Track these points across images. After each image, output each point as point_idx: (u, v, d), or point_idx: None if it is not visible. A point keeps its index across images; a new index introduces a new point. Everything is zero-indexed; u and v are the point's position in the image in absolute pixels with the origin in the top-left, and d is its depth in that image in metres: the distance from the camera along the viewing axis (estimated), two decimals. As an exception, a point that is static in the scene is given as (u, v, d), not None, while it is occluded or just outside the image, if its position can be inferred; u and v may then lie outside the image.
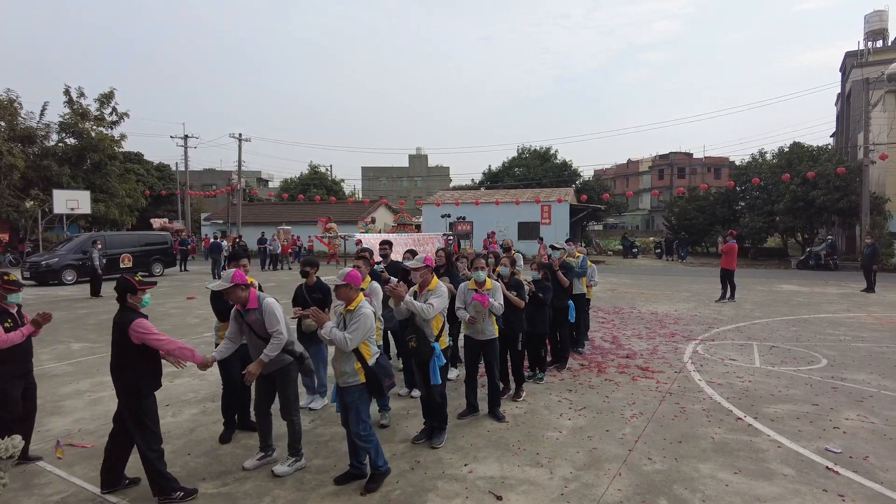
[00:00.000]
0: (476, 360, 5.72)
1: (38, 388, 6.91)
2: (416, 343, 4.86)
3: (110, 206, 30.69)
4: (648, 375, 7.23)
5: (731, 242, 14.60)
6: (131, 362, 3.99)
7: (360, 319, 4.08)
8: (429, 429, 5.15)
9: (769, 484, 4.23)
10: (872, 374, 7.29)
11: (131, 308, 4.08)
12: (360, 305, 4.18)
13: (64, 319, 11.79)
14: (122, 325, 3.96)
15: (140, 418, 3.99)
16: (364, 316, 4.11)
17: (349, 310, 4.20)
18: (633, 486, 4.22)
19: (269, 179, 72.79)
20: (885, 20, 36.09)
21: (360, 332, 4.08)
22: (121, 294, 4.08)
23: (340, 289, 4.22)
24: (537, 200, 31.09)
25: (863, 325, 10.72)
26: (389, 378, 4.28)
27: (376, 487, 4.15)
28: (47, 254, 19.83)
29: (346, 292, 4.21)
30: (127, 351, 3.98)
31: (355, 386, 4.16)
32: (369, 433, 4.21)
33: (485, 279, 5.58)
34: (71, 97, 30.31)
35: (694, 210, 34.26)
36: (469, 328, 5.63)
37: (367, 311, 4.16)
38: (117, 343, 4.01)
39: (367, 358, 4.17)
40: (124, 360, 4.00)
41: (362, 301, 4.24)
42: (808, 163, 27.09)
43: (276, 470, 4.43)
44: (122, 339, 3.97)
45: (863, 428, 5.38)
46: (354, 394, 4.17)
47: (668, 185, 61.54)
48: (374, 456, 4.23)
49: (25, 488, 4.23)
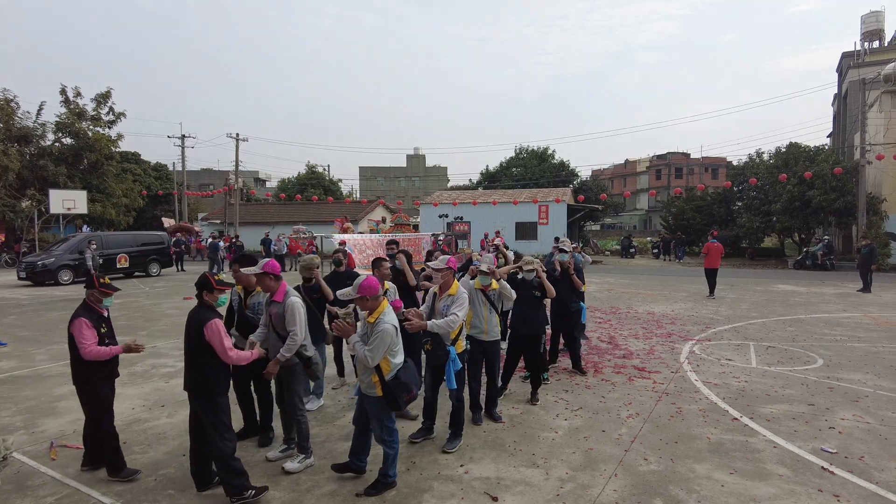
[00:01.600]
0: (481, 362, 5.65)
1: (33, 388, 6.94)
2: (432, 346, 4.83)
3: (107, 206, 30.61)
4: (645, 376, 7.23)
5: (710, 242, 15.52)
6: (207, 360, 3.94)
7: (380, 336, 3.94)
8: (427, 429, 5.15)
9: (765, 484, 4.24)
10: (868, 374, 7.31)
11: (208, 306, 4.05)
12: (380, 319, 4.02)
13: (59, 320, 11.75)
14: (198, 322, 3.92)
15: (219, 417, 3.95)
16: (384, 332, 3.94)
17: (369, 322, 4.07)
18: (629, 486, 4.22)
19: (266, 179, 72.75)
20: (881, 21, 36.23)
21: (380, 350, 3.95)
22: (198, 291, 4.07)
23: (358, 302, 4.12)
24: (535, 200, 31.10)
25: (859, 325, 10.74)
26: (408, 392, 4.11)
27: (375, 493, 4.08)
28: (43, 254, 19.76)
29: (364, 304, 4.08)
30: (202, 349, 3.92)
31: (374, 397, 4.11)
32: (394, 438, 4.18)
33: (490, 281, 5.46)
34: (67, 97, 30.23)
35: (691, 210, 34.30)
36: (473, 328, 5.55)
37: (387, 327, 3.98)
38: (194, 341, 3.95)
39: (385, 373, 4.04)
40: (199, 358, 3.95)
41: (385, 311, 4.08)
42: (804, 163, 27.14)
43: (286, 466, 4.51)
44: (198, 338, 3.92)
45: (858, 428, 5.39)
46: (375, 404, 4.13)
47: (666, 186, 61.62)
48: (388, 463, 4.16)
49: (19, 489, 4.21)
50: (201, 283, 4.08)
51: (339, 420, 5.71)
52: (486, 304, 5.52)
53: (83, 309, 4.46)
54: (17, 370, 7.67)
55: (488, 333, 5.52)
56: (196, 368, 3.97)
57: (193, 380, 3.98)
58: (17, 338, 9.68)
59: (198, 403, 3.99)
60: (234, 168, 37.82)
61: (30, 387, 6.96)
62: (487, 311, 5.50)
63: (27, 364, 8.05)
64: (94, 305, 4.50)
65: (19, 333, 10.05)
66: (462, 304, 4.87)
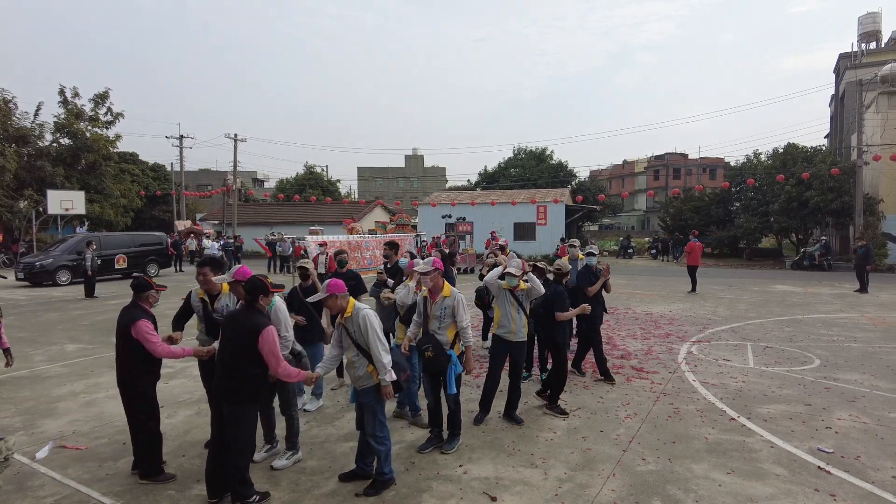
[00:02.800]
0: (503, 362, 5.60)
1: (32, 389, 6.93)
2: (434, 353, 4.76)
3: (105, 207, 30.56)
4: (643, 376, 7.26)
5: (692, 242, 16.87)
6: (254, 366, 3.81)
7: (367, 324, 4.01)
8: (436, 437, 5.03)
9: (762, 484, 4.27)
10: (865, 374, 7.34)
11: (260, 311, 3.94)
12: (357, 308, 4.11)
13: (58, 320, 11.74)
14: (254, 328, 3.77)
15: (250, 424, 3.88)
16: (367, 317, 4.03)
17: (346, 318, 4.12)
18: (627, 486, 4.24)
19: (264, 180, 72.66)
20: (878, 22, 36.29)
21: (376, 335, 4.02)
22: (252, 295, 3.90)
23: (327, 301, 4.13)
24: (533, 201, 31.10)
25: (856, 326, 10.78)
26: (404, 372, 4.24)
27: (374, 493, 4.09)
28: (41, 254, 19.72)
29: (334, 302, 4.11)
30: (251, 354, 3.79)
31: (371, 387, 4.13)
32: (385, 434, 4.22)
33: (517, 282, 5.38)
34: (66, 97, 30.17)
35: (689, 211, 34.35)
36: (501, 328, 5.51)
37: (368, 311, 4.08)
38: (243, 346, 3.79)
39: None
40: (247, 364, 3.80)
41: (356, 305, 4.16)
42: (802, 164, 27.20)
43: (275, 464, 4.52)
44: (250, 344, 3.77)
45: (855, 428, 5.42)
46: (371, 395, 4.14)
47: (664, 186, 61.66)
48: (381, 461, 4.19)
49: (19, 490, 4.22)
50: (256, 287, 3.93)
51: (338, 420, 5.73)
52: (514, 304, 5.43)
53: (139, 310, 4.33)
54: (16, 371, 7.66)
55: (516, 334, 5.46)
56: (242, 374, 3.84)
57: (236, 385, 3.84)
58: (15, 339, 9.66)
59: (233, 410, 3.86)
60: (232, 168, 37.80)
61: (28, 388, 6.96)
62: (516, 311, 5.43)
63: (26, 365, 8.05)
64: (148, 307, 4.43)
65: (17, 334, 10.04)
66: (466, 309, 4.84)
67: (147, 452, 4.33)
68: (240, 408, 3.84)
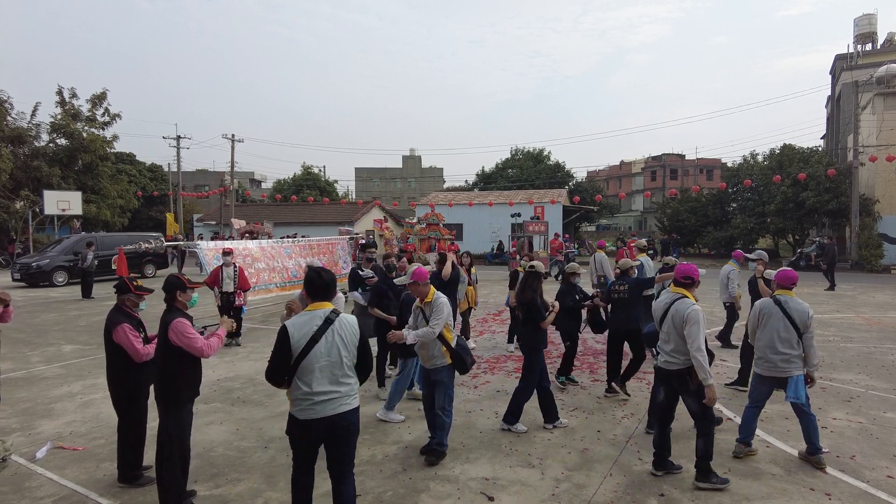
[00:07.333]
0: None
1: (29, 390, 6.92)
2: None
3: (102, 207, 30.51)
4: (640, 376, 7.27)
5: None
6: (171, 366, 3.82)
7: (440, 307, 4.63)
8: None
9: (758, 483, 4.29)
10: (860, 374, 7.38)
11: (179, 308, 4.00)
12: (437, 296, 4.71)
13: (54, 321, 11.72)
14: (165, 325, 3.83)
15: (181, 426, 3.85)
16: (442, 304, 4.66)
17: (426, 302, 4.71)
18: (624, 486, 4.26)
19: (262, 180, 72.50)
20: (873, 24, 36.45)
21: (443, 319, 4.60)
22: (170, 293, 3.98)
23: (411, 287, 4.77)
24: (531, 202, 31.13)
25: (851, 326, 10.83)
26: (470, 356, 4.79)
27: (436, 461, 4.59)
28: (38, 255, 19.67)
29: (416, 289, 4.72)
30: (169, 353, 3.81)
31: (443, 367, 4.67)
32: (451, 409, 4.76)
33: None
34: (63, 98, 30.13)
35: (686, 211, 34.41)
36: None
37: (443, 300, 4.71)
38: (162, 345, 3.85)
39: (450, 340, 4.67)
40: (167, 363, 3.83)
41: (435, 292, 4.75)
42: (798, 164, 27.30)
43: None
44: (165, 340, 3.82)
45: (850, 427, 5.46)
46: (443, 373, 4.68)
47: (661, 187, 61.80)
48: (443, 432, 4.70)
49: (17, 491, 4.22)
50: (172, 284, 4.04)
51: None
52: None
53: (121, 314, 4.32)
54: (12, 372, 7.65)
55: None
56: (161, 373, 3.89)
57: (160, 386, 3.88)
58: (11, 340, 9.64)
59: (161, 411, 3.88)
60: (229, 169, 37.75)
61: (25, 389, 6.96)
62: None
63: (22, 366, 8.03)
64: (129, 310, 4.41)
65: (14, 335, 10.02)
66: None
67: (129, 455, 4.31)
68: (167, 408, 3.85)
